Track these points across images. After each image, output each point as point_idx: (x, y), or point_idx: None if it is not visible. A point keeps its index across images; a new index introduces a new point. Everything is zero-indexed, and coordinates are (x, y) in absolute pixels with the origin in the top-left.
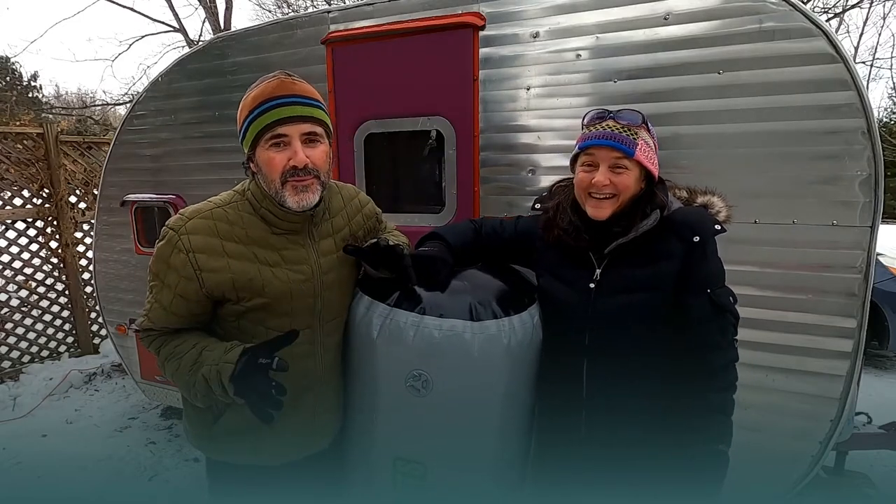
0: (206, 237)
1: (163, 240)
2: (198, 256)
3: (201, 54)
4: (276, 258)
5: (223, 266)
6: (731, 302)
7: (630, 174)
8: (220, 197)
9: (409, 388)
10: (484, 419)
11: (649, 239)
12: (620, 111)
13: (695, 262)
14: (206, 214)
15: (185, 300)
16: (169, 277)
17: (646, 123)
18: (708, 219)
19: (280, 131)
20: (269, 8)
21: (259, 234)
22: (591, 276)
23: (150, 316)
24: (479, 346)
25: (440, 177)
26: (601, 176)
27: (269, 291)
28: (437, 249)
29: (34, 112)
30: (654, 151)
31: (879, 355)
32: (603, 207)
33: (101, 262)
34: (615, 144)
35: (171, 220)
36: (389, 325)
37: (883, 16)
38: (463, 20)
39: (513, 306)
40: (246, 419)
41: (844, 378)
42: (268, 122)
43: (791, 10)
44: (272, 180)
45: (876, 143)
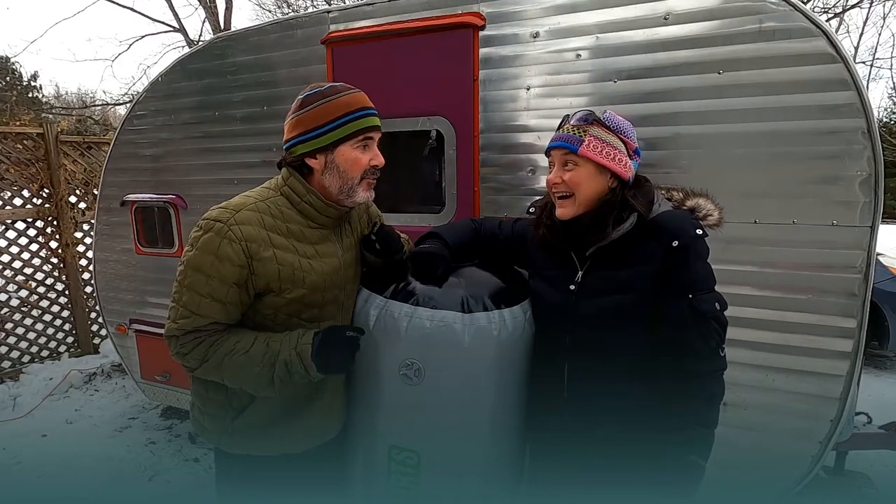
0: (255, 228)
1: (207, 232)
2: (250, 245)
3: (201, 54)
4: (312, 251)
5: (271, 256)
6: (716, 308)
7: (580, 170)
8: (254, 192)
9: (403, 376)
10: (475, 409)
11: (630, 242)
12: (574, 113)
13: (675, 267)
14: (252, 207)
15: (238, 288)
16: (221, 268)
17: (598, 121)
18: (689, 223)
19: (371, 135)
20: (269, 8)
21: (297, 227)
22: (572, 278)
23: (200, 312)
24: (470, 337)
25: (440, 177)
26: (552, 175)
27: (308, 283)
28: (436, 247)
29: (34, 112)
30: (613, 148)
31: (879, 355)
32: (563, 206)
33: (101, 262)
34: (562, 143)
35: (213, 213)
36: (384, 316)
37: (883, 16)
38: (463, 20)
39: (504, 301)
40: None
41: (844, 378)
42: (364, 126)
43: (791, 10)
44: (352, 176)
45: (876, 143)
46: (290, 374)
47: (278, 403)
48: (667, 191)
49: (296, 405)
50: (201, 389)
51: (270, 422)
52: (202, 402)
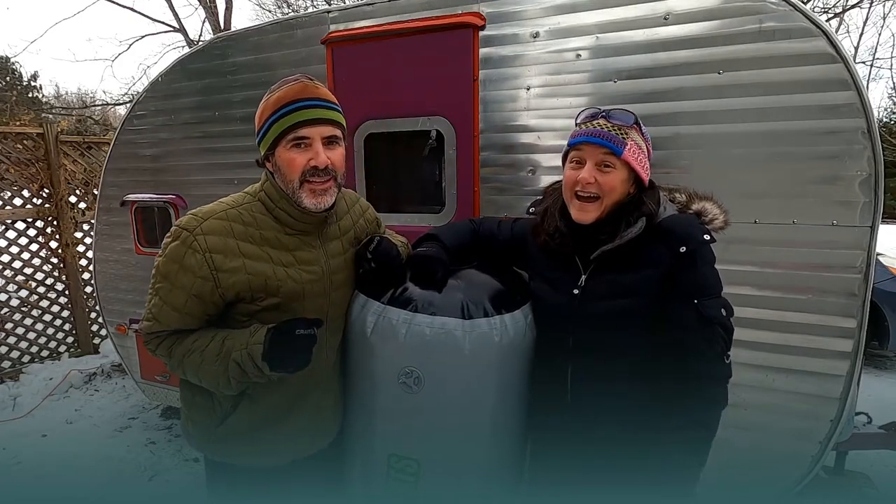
0: (222, 238)
1: (175, 240)
2: (214, 257)
3: (201, 54)
4: (289, 259)
5: (239, 266)
6: (722, 315)
7: (616, 174)
8: (230, 198)
9: (402, 384)
10: (477, 416)
11: (636, 245)
12: (613, 111)
13: (681, 271)
14: (221, 215)
15: (200, 301)
16: (183, 278)
17: (638, 125)
18: (697, 228)
19: (303, 133)
20: (269, 8)
21: (272, 234)
22: (576, 281)
23: (160, 318)
24: (471, 343)
25: (440, 177)
26: (587, 173)
27: (284, 291)
28: (434, 250)
29: (34, 112)
30: (644, 155)
31: (879, 355)
32: (587, 211)
33: (101, 262)
34: (603, 142)
35: (183, 220)
36: (382, 323)
37: (883, 16)
38: (463, 20)
39: (505, 305)
40: (253, 420)
41: (844, 378)
42: (291, 123)
43: (791, 10)
44: (291, 180)
45: (876, 143)
46: (245, 373)
47: (262, 410)
48: (668, 192)
49: (280, 412)
50: (188, 394)
51: (256, 428)
52: (188, 407)
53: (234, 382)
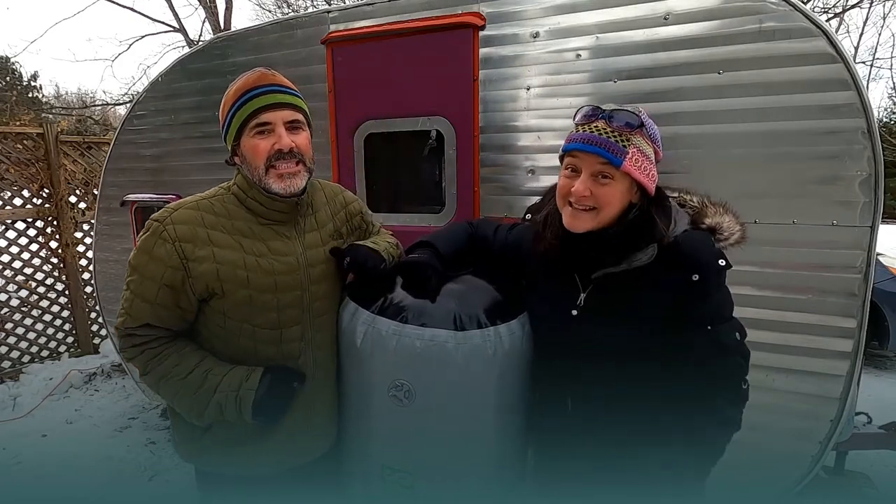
0: (191, 227)
1: (146, 232)
2: (184, 246)
3: (201, 54)
4: (262, 249)
5: (208, 255)
6: (737, 340)
7: (615, 186)
8: (207, 192)
9: (392, 398)
10: (471, 429)
11: (642, 267)
12: (616, 111)
13: (693, 301)
14: (192, 205)
15: (172, 291)
16: (152, 268)
17: (643, 127)
18: (712, 253)
19: (264, 118)
20: (269, 8)
21: (245, 224)
22: (574, 301)
23: (132, 313)
24: (463, 356)
25: (440, 177)
26: (580, 185)
27: (254, 282)
28: (426, 256)
29: (34, 112)
30: (651, 162)
31: (879, 355)
32: (580, 219)
33: (101, 262)
34: (600, 151)
35: (156, 214)
36: (372, 333)
37: (883, 16)
38: (463, 20)
39: (501, 315)
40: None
41: (844, 378)
42: (251, 110)
43: (791, 10)
44: (257, 167)
45: (876, 143)
46: (223, 414)
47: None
48: (678, 194)
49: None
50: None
51: (240, 439)
52: (172, 415)
53: (208, 420)
